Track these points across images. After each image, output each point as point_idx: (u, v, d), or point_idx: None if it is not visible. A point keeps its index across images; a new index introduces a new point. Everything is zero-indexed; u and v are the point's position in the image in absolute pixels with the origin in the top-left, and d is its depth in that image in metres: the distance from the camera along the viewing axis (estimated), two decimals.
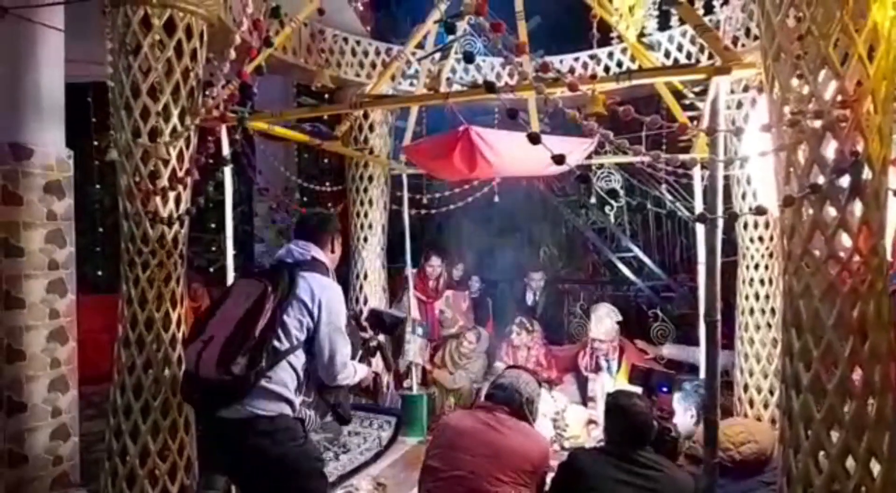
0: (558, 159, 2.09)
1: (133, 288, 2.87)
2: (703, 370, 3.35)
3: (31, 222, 3.62)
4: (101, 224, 7.76)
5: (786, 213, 2.05)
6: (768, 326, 3.87)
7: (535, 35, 4.40)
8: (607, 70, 4.63)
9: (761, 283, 3.90)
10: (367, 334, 2.95)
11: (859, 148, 1.88)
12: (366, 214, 5.02)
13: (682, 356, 5.23)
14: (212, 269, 7.64)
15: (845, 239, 1.92)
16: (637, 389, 3.56)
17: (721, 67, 2.24)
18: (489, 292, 6.48)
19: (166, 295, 2.90)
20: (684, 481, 2.50)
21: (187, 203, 2.98)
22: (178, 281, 2.97)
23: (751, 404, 3.93)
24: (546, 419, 4.37)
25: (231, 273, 3.30)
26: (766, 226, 3.87)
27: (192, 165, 2.95)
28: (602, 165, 6.66)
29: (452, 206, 5.35)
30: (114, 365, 2.92)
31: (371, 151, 4.85)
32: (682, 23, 4.11)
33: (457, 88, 3.98)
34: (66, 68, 3.82)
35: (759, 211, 2.23)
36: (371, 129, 4.94)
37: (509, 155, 3.58)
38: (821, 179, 1.91)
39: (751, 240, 3.93)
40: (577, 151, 3.67)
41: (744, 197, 3.97)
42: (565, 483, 2.59)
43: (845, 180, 1.90)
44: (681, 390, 3.76)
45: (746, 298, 3.96)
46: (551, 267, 7.43)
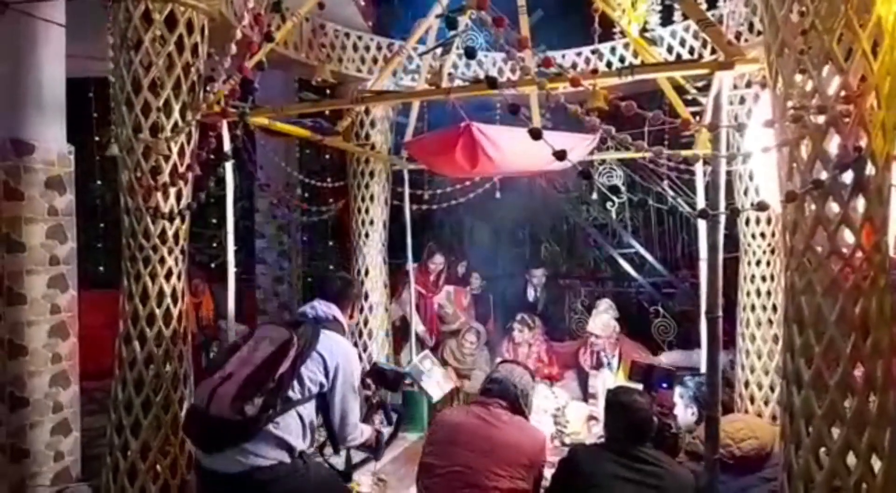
0: (560, 155, 2.08)
1: (134, 284, 2.87)
2: (703, 367, 3.34)
3: (32, 218, 3.63)
4: (102, 220, 7.77)
5: (788, 209, 2.04)
6: (770, 322, 3.86)
7: (537, 30, 4.39)
8: (609, 65, 4.61)
9: (763, 279, 3.89)
10: (369, 390, 2.94)
11: (862, 144, 1.87)
12: (367, 210, 5.01)
13: (684, 362, 5.21)
14: (213, 264, 7.65)
15: (848, 235, 1.91)
16: (637, 385, 3.56)
17: (724, 63, 2.23)
18: (490, 288, 6.47)
19: (167, 291, 2.90)
20: (685, 477, 2.50)
21: (188, 199, 2.98)
22: (179, 277, 2.97)
23: (751, 400, 3.93)
24: (547, 415, 4.38)
25: (232, 269, 3.29)
26: (769, 222, 3.85)
27: (193, 161, 2.95)
28: (604, 161, 6.64)
29: (454, 202, 5.34)
30: (115, 360, 2.92)
31: (372, 147, 4.84)
32: (684, 18, 4.09)
33: (458, 83, 3.97)
34: (67, 64, 3.83)
35: (762, 207, 2.23)
36: (372, 124, 4.92)
37: (511, 151, 3.57)
38: (824, 175, 1.90)
39: (753, 236, 3.92)
40: (579, 147, 3.66)
41: (746, 193, 3.96)
42: (566, 480, 2.59)
43: (848, 176, 1.89)
44: (681, 386, 3.76)
45: (748, 294, 3.95)
46: (553, 263, 7.43)
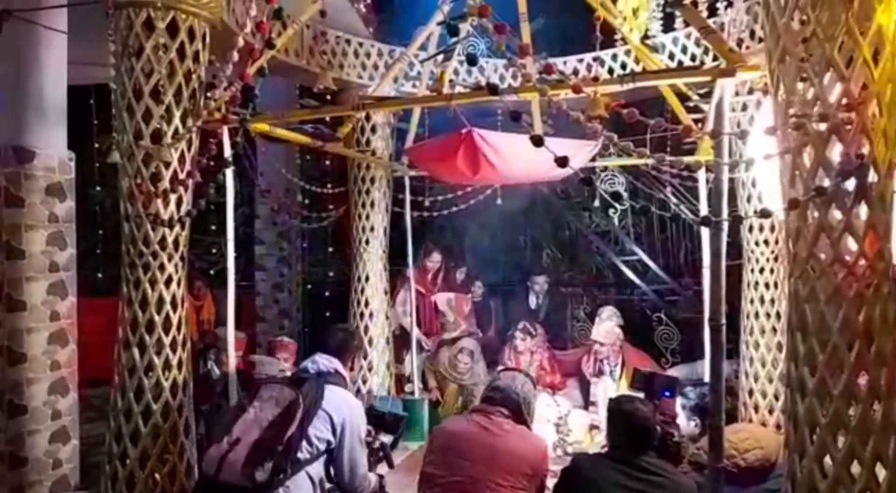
0: (562, 162, 2.08)
1: (134, 290, 2.86)
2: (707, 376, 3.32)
3: (32, 225, 3.62)
4: (102, 226, 7.75)
5: (791, 216, 2.03)
6: (773, 330, 3.85)
7: (538, 37, 4.39)
8: (611, 72, 4.62)
9: (766, 286, 3.88)
10: (369, 437, 2.92)
11: (864, 151, 1.87)
12: (367, 217, 5.00)
13: (688, 376, 5.17)
14: (213, 271, 7.63)
15: (851, 242, 1.91)
16: (639, 394, 3.53)
17: (726, 70, 2.23)
18: (492, 295, 6.45)
19: (167, 298, 2.88)
20: (689, 487, 2.47)
21: (188, 205, 2.97)
22: (178, 283, 2.95)
23: (756, 409, 3.90)
24: (549, 424, 4.35)
25: (232, 275, 3.28)
26: (772, 229, 3.85)
27: (193, 167, 2.94)
28: (606, 168, 6.62)
29: (455, 208, 5.33)
30: (114, 368, 2.91)
31: (373, 153, 4.84)
32: (686, 25, 4.09)
33: (460, 89, 3.97)
34: (68, 71, 3.83)
35: (764, 214, 2.22)
36: (373, 130, 4.92)
37: (513, 158, 3.57)
38: (826, 182, 1.90)
39: (756, 243, 3.91)
40: (580, 154, 3.65)
41: (749, 200, 3.95)
42: (568, 489, 2.56)
43: (851, 184, 1.89)
44: (683, 397, 3.73)
45: (752, 301, 3.94)
46: (554, 271, 7.40)
